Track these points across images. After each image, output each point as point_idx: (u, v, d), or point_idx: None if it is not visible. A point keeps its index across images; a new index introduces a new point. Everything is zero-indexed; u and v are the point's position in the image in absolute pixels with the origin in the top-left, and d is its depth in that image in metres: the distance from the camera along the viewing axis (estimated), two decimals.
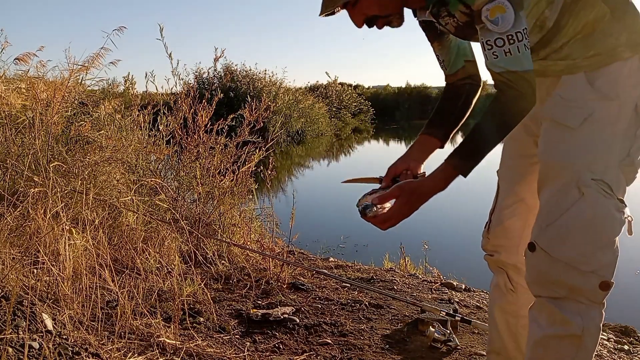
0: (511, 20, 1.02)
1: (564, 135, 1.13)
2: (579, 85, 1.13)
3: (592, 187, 1.08)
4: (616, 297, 3.67)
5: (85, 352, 1.45)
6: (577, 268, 1.09)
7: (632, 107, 1.10)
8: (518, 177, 1.34)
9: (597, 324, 1.12)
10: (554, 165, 1.14)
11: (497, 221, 1.38)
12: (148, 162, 3.32)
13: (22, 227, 2.06)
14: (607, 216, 1.09)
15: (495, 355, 1.48)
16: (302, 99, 15.95)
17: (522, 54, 1.04)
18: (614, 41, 1.10)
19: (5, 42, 3.26)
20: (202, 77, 13.93)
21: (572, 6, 1.11)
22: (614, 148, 1.10)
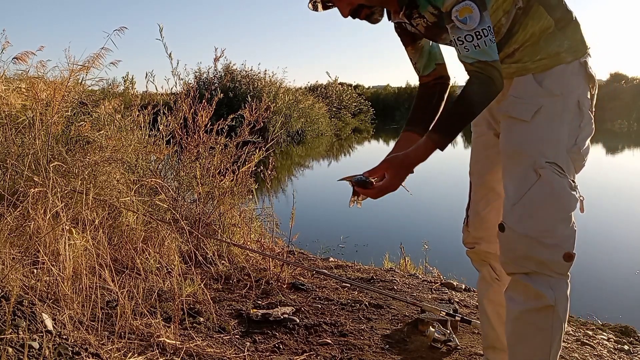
0: (477, 19, 1.17)
1: (519, 128, 1.29)
2: (529, 85, 1.29)
3: (547, 169, 1.23)
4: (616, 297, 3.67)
5: (85, 352, 1.45)
6: (542, 242, 1.22)
7: (575, 103, 1.27)
8: (486, 169, 1.48)
9: (565, 293, 1.25)
10: (512, 154, 1.30)
11: (474, 214, 1.51)
12: (148, 162, 3.32)
13: (22, 227, 2.05)
14: (563, 192, 1.23)
15: (491, 350, 1.55)
16: (302, 99, 15.95)
17: (488, 47, 1.18)
18: (557, 48, 1.27)
19: (5, 42, 3.26)
20: (202, 77, 13.94)
21: (522, 17, 1.27)
22: (562, 137, 1.25)
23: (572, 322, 2.56)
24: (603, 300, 3.44)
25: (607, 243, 4.79)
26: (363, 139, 17.77)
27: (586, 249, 4.58)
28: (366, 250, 4.20)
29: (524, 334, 1.27)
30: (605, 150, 14.49)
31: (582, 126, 1.28)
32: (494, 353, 1.55)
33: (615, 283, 3.76)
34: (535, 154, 1.25)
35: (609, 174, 9.55)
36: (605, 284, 3.76)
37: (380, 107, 23.53)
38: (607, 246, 4.67)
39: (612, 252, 4.47)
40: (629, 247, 4.64)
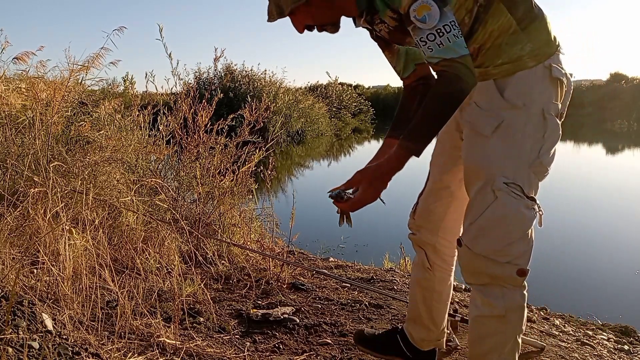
0: (437, 16, 1.12)
1: (479, 142, 1.28)
2: (491, 95, 1.26)
3: (504, 190, 1.23)
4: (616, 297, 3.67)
5: (85, 352, 1.45)
6: (494, 260, 1.26)
7: (539, 112, 1.23)
8: (446, 167, 1.49)
9: (519, 303, 1.30)
10: (473, 169, 1.30)
11: (424, 204, 1.54)
12: (148, 162, 3.32)
13: (22, 227, 2.06)
14: (517, 215, 1.24)
15: (412, 323, 1.68)
16: (302, 99, 15.95)
17: (453, 43, 1.13)
18: (519, 51, 1.23)
19: (5, 42, 3.26)
20: (202, 77, 13.94)
21: (483, 15, 1.23)
22: (524, 151, 1.23)
23: (572, 322, 2.56)
24: (603, 300, 3.44)
25: (607, 243, 4.79)
26: (363, 139, 17.78)
27: (586, 249, 4.60)
28: (366, 250, 4.20)
29: (479, 335, 1.36)
30: (605, 150, 14.50)
31: (546, 137, 1.24)
32: (413, 326, 1.67)
33: (615, 283, 3.76)
34: (495, 173, 1.24)
35: (609, 174, 9.55)
36: (605, 284, 3.76)
37: (380, 107, 23.54)
38: (607, 246, 4.67)
39: (612, 252, 4.47)
40: (629, 247, 4.64)
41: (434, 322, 1.63)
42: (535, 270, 4.34)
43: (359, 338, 1.77)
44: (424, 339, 1.65)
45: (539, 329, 2.26)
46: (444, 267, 1.57)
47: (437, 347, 1.69)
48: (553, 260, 4.18)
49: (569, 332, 2.31)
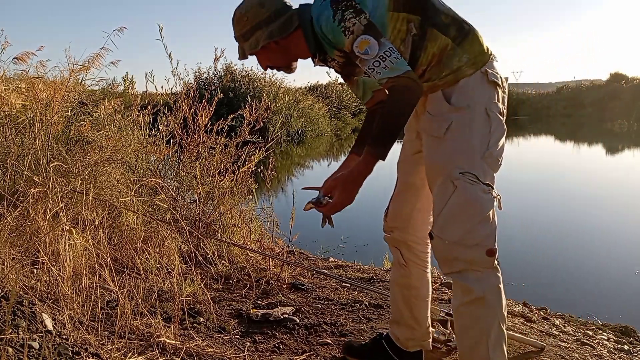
0: (376, 47, 1.31)
1: (435, 144, 1.44)
2: (440, 103, 1.42)
3: (461, 179, 1.37)
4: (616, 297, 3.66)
5: (85, 352, 1.45)
6: (464, 244, 1.38)
7: (482, 111, 1.39)
8: (410, 169, 1.64)
9: (495, 284, 1.40)
10: (433, 167, 1.45)
11: (393, 206, 1.68)
12: (148, 162, 3.32)
13: (22, 227, 2.05)
14: (476, 199, 1.37)
15: (396, 325, 1.75)
16: (302, 99, 15.95)
17: (395, 64, 1.31)
18: (458, 63, 1.41)
19: (5, 42, 3.25)
20: (202, 77, 13.93)
21: (420, 42, 1.41)
22: (473, 145, 1.38)
23: (572, 322, 2.56)
24: (603, 300, 3.44)
25: (607, 243, 4.79)
26: None
27: (586, 249, 4.60)
28: (366, 250, 4.20)
29: (464, 325, 1.43)
30: (605, 150, 14.49)
31: (492, 131, 1.40)
32: (397, 327, 1.75)
33: (615, 283, 3.76)
34: (451, 167, 1.39)
35: (608, 174, 9.55)
36: (605, 284, 3.75)
37: None
38: (607, 246, 4.67)
39: (612, 252, 4.47)
40: (629, 246, 4.63)
41: (416, 320, 1.71)
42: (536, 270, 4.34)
43: (347, 349, 1.84)
44: (408, 338, 1.73)
45: (539, 329, 2.26)
46: (418, 263, 1.68)
47: (423, 349, 1.75)
48: (553, 260, 4.18)
49: (569, 332, 2.31)
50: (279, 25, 1.43)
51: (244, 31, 1.46)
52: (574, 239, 4.96)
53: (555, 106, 29.92)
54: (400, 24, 1.40)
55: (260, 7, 1.43)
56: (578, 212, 6.13)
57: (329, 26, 1.37)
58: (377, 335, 1.86)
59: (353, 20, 1.33)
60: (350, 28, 1.33)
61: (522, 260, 4.07)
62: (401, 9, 1.39)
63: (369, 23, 1.33)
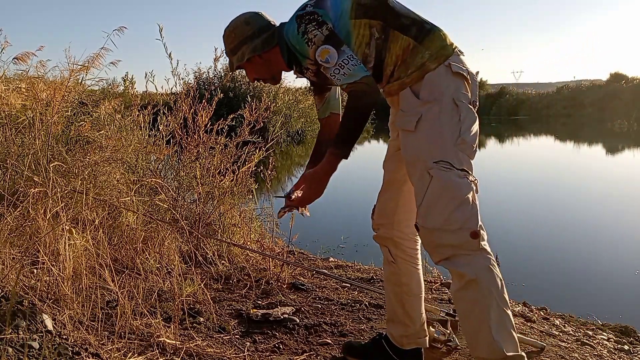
0: (335, 55, 1.43)
1: (409, 138, 1.50)
2: (409, 99, 1.50)
3: (435, 168, 1.42)
4: (616, 297, 3.66)
5: (85, 352, 1.45)
6: (448, 230, 1.41)
7: (450, 101, 1.45)
8: (393, 166, 1.70)
9: (486, 265, 1.41)
10: (410, 161, 1.50)
11: (379, 204, 1.73)
12: (148, 162, 3.31)
13: (22, 227, 2.05)
14: (452, 184, 1.41)
15: (391, 323, 1.78)
16: (302, 99, 15.93)
17: (353, 70, 1.42)
18: (421, 59, 1.48)
19: (5, 42, 3.25)
20: (202, 77, 13.92)
21: (384, 44, 1.50)
22: (445, 135, 1.44)
23: (572, 322, 2.56)
24: (603, 300, 3.44)
25: (607, 243, 4.79)
26: (363, 139, 17.76)
27: (586, 249, 4.60)
28: (366, 250, 4.19)
29: (463, 311, 1.45)
30: (605, 150, 14.50)
31: (462, 119, 1.45)
32: (392, 325, 1.77)
33: (615, 283, 3.76)
34: (425, 158, 1.44)
35: (609, 174, 9.55)
36: (605, 284, 3.76)
37: (379, 108, 23.29)
38: (607, 246, 4.67)
39: (612, 252, 4.47)
40: (629, 247, 4.63)
41: (409, 316, 1.73)
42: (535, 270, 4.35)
43: (347, 349, 1.85)
44: (402, 335, 1.75)
45: (539, 329, 2.26)
46: (407, 259, 1.72)
47: (420, 346, 1.76)
48: (553, 260, 4.18)
49: (569, 332, 2.31)
50: (261, 41, 1.59)
51: (232, 46, 1.62)
52: (574, 239, 4.96)
53: (555, 106, 29.93)
54: (364, 30, 1.50)
55: (246, 25, 1.60)
56: (578, 212, 6.14)
57: (294, 38, 1.51)
58: (377, 335, 1.86)
59: (315, 32, 1.46)
60: (312, 39, 1.46)
61: (522, 260, 4.07)
62: (362, 16, 1.50)
63: (330, 33, 1.45)
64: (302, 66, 1.62)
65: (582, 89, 31.33)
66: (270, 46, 1.60)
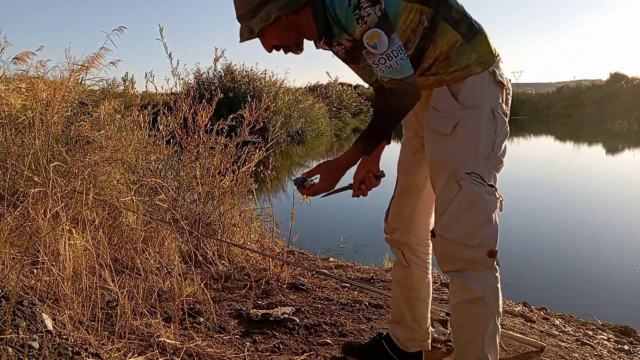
0: (386, 43, 1.30)
1: (441, 141, 1.43)
2: (447, 99, 1.42)
3: (466, 180, 1.37)
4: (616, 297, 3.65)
5: (85, 352, 1.45)
6: (467, 244, 1.38)
7: (489, 111, 1.40)
8: (411, 170, 1.64)
9: (494, 284, 1.41)
10: (437, 165, 1.44)
11: (394, 207, 1.68)
12: (148, 162, 3.31)
13: (22, 227, 2.05)
14: (481, 199, 1.37)
15: (396, 325, 1.76)
16: (302, 99, 15.94)
17: (401, 65, 1.31)
18: (467, 60, 1.40)
19: (5, 42, 3.25)
20: (202, 77, 13.93)
21: (430, 35, 1.40)
22: (480, 146, 1.39)
23: (572, 322, 2.56)
24: (603, 300, 3.43)
25: (607, 243, 4.79)
26: None
27: (586, 249, 4.60)
28: (366, 250, 4.19)
29: (461, 322, 1.44)
30: (606, 150, 14.49)
31: (497, 132, 1.40)
32: (398, 327, 1.75)
33: (615, 283, 3.75)
34: (456, 166, 1.39)
35: (608, 174, 9.55)
36: (605, 284, 3.75)
37: None
38: (608, 246, 4.67)
39: (612, 252, 4.47)
40: (629, 247, 4.63)
41: (417, 321, 1.72)
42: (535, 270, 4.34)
43: (347, 349, 1.84)
44: (408, 338, 1.73)
45: (539, 329, 2.26)
46: (420, 265, 1.69)
47: (423, 349, 1.76)
48: (553, 260, 4.18)
49: (569, 332, 2.31)
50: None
51: (252, 6, 1.39)
52: (574, 239, 4.96)
53: (555, 106, 29.94)
54: (414, 15, 1.38)
55: None
56: (578, 212, 6.13)
57: (342, 10, 1.33)
58: (377, 335, 1.86)
59: (368, 9, 1.29)
60: (364, 17, 1.30)
61: (522, 260, 4.07)
62: (415, 0, 1.38)
63: (383, 15, 1.30)
64: (333, 39, 1.45)
65: (582, 89, 31.33)
66: (298, 5, 1.39)
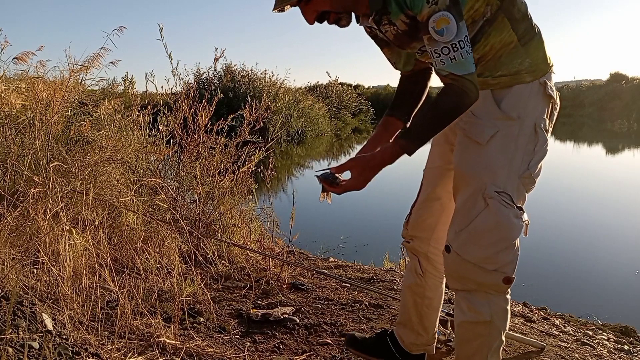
0: (454, 31, 1.15)
1: (473, 149, 1.31)
2: (488, 104, 1.30)
3: (495, 199, 1.26)
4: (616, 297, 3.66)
5: (85, 352, 1.45)
6: (483, 267, 1.28)
7: (531, 126, 1.28)
8: (437, 180, 1.53)
9: (504, 307, 1.34)
10: (464, 175, 1.32)
11: (416, 215, 1.58)
12: (148, 162, 3.31)
13: (22, 227, 2.05)
14: (507, 224, 1.26)
15: (402, 327, 1.71)
16: (302, 99, 15.94)
17: (465, 59, 1.17)
18: (518, 66, 1.28)
19: (5, 42, 3.25)
20: (202, 77, 13.93)
21: (486, 27, 1.26)
22: (515, 162, 1.27)
23: (572, 322, 2.56)
24: (603, 300, 3.44)
25: (607, 243, 4.79)
26: (363, 139, 17.76)
27: (586, 249, 4.60)
28: (366, 250, 4.20)
29: (465, 338, 1.39)
30: (605, 150, 14.49)
31: (536, 150, 1.29)
32: (403, 330, 1.70)
33: (615, 283, 3.76)
34: (486, 181, 1.27)
35: (608, 174, 9.55)
36: (605, 283, 3.76)
37: (380, 107, 23.51)
38: (607, 246, 4.67)
39: (612, 252, 4.47)
40: (629, 247, 4.63)
41: (424, 327, 1.67)
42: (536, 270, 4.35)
43: (350, 341, 1.79)
44: (413, 342, 1.69)
45: (539, 329, 2.26)
46: (436, 275, 1.61)
47: (426, 352, 1.73)
48: (553, 260, 4.18)
49: (569, 332, 2.31)
50: None
51: None
52: (574, 239, 4.96)
53: None
54: (481, 5, 1.25)
55: None
56: (578, 212, 6.13)
57: None
58: (382, 331, 1.80)
59: None
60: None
61: (522, 260, 4.05)
62: None
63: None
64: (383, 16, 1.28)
65: (582, 89, 31.34)
66: None
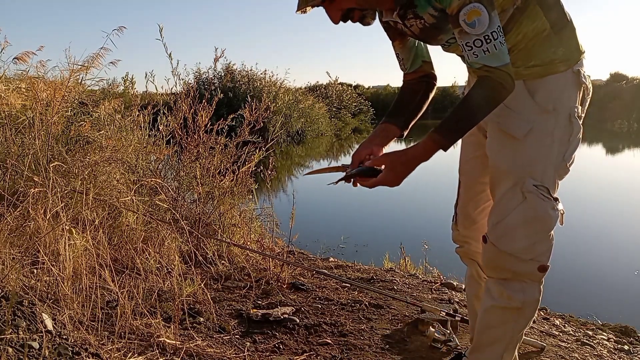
0: (486, 22, 1.11)
1: (510, 144, 1.29)
2: (522, 97, 1.27)
3: (533, 192, 1.26)
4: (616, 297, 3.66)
5: (85, 352, 1.45)
6: (519, 257, 1.29)
7: (566, 117, 1.27)
8: (477, 171, 1.49)
9: (536, 297, 1.34)
10: (502, 170, 1.32)
11: (464, 214, 1.54)
12: (148, 162, 3.32)
13: (22, 227, 2.05)
14: (545, 216, 1.28)
15: None
16: (302, 99, 15.95)
17: (499, 51, 1.13)
18: (552, 55, 1.25)
19: (5, 42, 3.25)
20: (202, 77, 13.93)
21: (517, 15, 1.23)
22: (551, 155, 1.27)
23: (572, 322, 2.56)
24: (603, 300, 3.44)
25: (607, 243, 4.79)
26: (363, 139, 17.74)
27: (586, 249, 4.60)
28: (366, 250, 4.20)
29: (489, 323, 1.38)
30: (605, 150, 14.49)
31: (571, 140, 1.29)
32: None
33: (615, 283, 3.76)
34: (524, 175, 1.27)
35: (608, 174, 9.55)
36: (605, 284, 3.76)
37: (380, 107, 23.51)
38: (607, 246, 4.67)
39: (612, 252, 4.47)
40: (629, 247, 4.63)
41: None
42: None
43: None
44: None
45: (539, 329, 2.26)
46: None
47: None
48: (553, 260, 4.18)
49: (569, 332, 2.31)
50: None
51: None
52: (574, 239, 4.96)
53: None
54: None
55: None
56: (578, 212, 6.13)
57: None
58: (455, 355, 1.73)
59: None
60: None
61: None
62: None
63: None
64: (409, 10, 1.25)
65: None
66: None
